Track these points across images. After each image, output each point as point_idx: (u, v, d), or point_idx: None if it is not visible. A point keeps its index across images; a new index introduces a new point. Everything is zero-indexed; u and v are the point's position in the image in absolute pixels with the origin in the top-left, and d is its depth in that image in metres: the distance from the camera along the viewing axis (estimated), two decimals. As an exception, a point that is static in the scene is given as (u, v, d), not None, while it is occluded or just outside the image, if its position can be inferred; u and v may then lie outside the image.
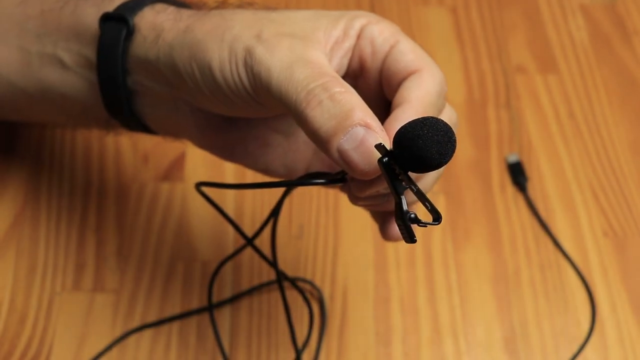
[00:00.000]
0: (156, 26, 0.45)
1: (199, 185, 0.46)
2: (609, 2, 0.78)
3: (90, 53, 0.48)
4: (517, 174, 0.66)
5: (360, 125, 0.37)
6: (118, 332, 0.56)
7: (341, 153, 0.37)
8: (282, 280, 0.48)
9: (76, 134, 0.65)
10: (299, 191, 0.63)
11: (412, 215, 0.36)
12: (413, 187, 0.37)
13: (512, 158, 0.67)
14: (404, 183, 0.37)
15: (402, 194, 0.37)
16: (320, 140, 0.38)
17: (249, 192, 0.64)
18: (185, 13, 0.45)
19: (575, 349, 0.58)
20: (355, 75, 0.45)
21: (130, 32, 0.46)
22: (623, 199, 0.65)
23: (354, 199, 0.42)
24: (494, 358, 0.57)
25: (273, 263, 0.47)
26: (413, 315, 0.58)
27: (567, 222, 0.64)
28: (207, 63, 0.42)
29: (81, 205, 0.62)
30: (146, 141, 0.65)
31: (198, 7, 0.47)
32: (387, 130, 0.38)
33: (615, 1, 0.78)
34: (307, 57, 0.40)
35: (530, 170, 0.66)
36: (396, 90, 0.42)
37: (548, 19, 0.77)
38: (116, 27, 0.46)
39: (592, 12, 0.78)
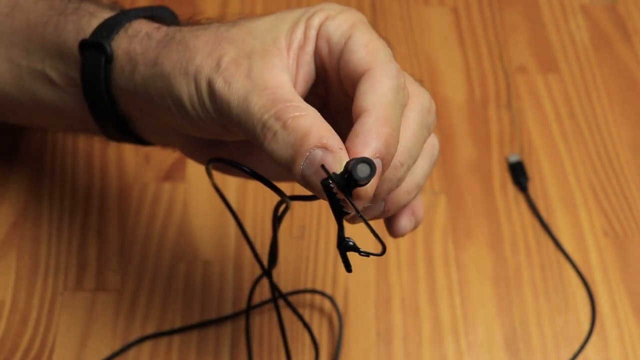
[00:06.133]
0: (131, 57, 0.44)
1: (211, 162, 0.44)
2: (609, 2, 0.78)
3: (77, 74, 0.47)
4: (518, 173, 0.66)
5: (317, 147, 0.36)
6: (120, 332, 0.56)
7: (305, 179, 0.36)
8: (276, 297, 0.48)
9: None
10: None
11: (351, 243, 0.35)
12: (357, 212, 0.36)
13: (513, 158, 0.67)
14: (344, 208, 0.36)
15: (342, 219, 0.35)
16: (286, 170, 0.37)
17: (250, 197, 0.64)
18: (155, 38, 0.44)
19: (576, 348, 0.58)
20: (324, 81, 0.43)
21: (109, 60, 0.45)
22: (624, 199, 0.66)
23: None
24: (495, 357, 0.57)
25: (280, 293, 0.48)
26: (414, 315, 0.59)
27: (567, 222, 0.64)
28: (178, 98, 0.41)
29: (83, 206, 0.62)
30: (148, 141, 0.65)
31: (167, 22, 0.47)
32: (348, 148, 0.37)
33: (615, 1, 0.78)
34: (264, 83, 0.39)
35: (531, 170, 0.67)
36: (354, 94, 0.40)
37: (549, 19, 0.77)
38: (95, 56, 0.45)
39: (593, 12, 0.78)
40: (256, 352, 0.56)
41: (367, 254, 0.36)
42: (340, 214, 0.36)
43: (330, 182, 0.35)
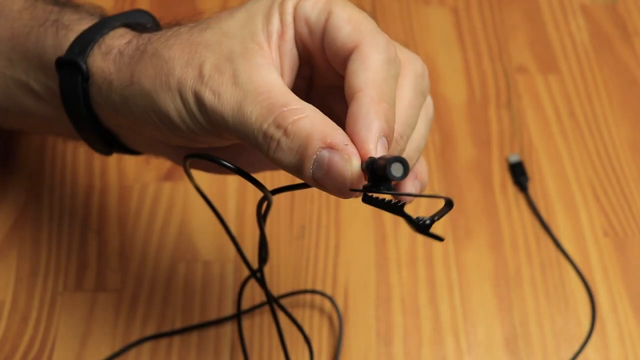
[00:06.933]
0: (105, 76, 0.43)
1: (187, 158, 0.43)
2: (609, 3, 0.78)
3: (58, 88, 0.46)
4: (518, 173, 0.66)
5: (323, 148, 0.36)
6: (120, 332, 0.56)
7: (317, 181, 0.36)
8: (272, 302, 0.48)
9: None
10: (300, 191, 0.63)
11: (427, 222, 0.35)
12: (409, 195, 0.36)
13: (513, 158, 0.67)
14: (398, 201, 0.36)
15: (403, 211, 0.35)
16: (295, 175, 0.37)
17: (250, 198, 0.64)
18: (127, 54, 0.43)
19: (576, 348, 0.58)
20: (308, 61, 0.42)
21: (85, 78, 0.44)
22: (624, 199, 0.66)
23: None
24: (495, 357, 0.57)
25: (273, 298, 0.48)
26: (414, 315, 0.59)
27: (567, 221, 0.64)
28: (165, 113, 0.40)
29: (83, 205, 0.62)
30: (148, 141, 0.65)
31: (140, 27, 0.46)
32: (351, 134, 0.37)
33: (615, 1, 0.78)
34: (254, 88, 0.38)
35: (531, 170, 0.67)
36: (344, 72, 0.39)
37: (549, 19, 0.77)
38: (72, 74, 0.44)
39: (593, 12, 0.78)
40: (256, 352, 0.56)
41: (441, 216, 0.35)
42: (400, 210, 0.35)
43: (369, 194, 0.35)
